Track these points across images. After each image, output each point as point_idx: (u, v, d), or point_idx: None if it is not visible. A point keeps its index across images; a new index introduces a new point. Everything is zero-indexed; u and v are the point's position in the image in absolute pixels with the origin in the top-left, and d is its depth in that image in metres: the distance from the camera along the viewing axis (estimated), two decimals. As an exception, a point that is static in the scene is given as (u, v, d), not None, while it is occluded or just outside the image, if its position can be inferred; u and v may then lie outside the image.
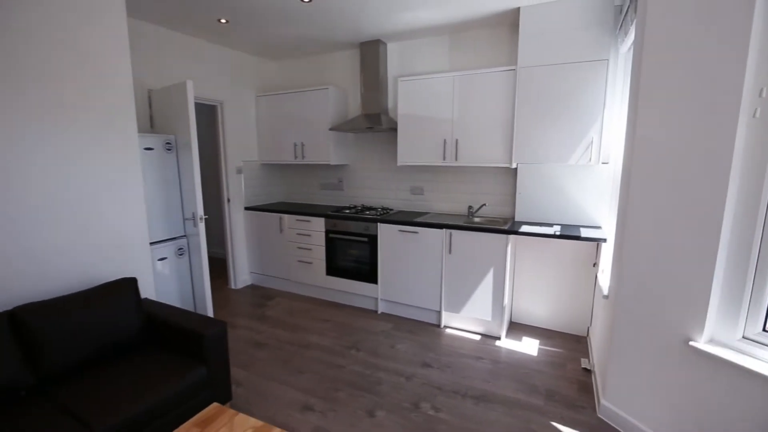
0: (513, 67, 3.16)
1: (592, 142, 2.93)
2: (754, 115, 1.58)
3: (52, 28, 2.09)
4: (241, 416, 1.66)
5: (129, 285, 2.32)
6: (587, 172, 3.18)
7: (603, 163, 3.02)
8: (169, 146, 3.17)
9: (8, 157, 1.96)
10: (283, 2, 2.96)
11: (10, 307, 1.94)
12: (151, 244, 3.01)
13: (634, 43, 2.17)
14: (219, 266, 4.93)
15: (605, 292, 2.47)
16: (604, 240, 2.80)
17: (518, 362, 2.89)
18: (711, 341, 1.79)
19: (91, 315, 2.08)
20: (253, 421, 1.63)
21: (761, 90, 1.55)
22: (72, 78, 2.19)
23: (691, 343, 1.80)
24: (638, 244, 2.01)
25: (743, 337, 1.71)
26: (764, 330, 1.66)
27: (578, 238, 2.85)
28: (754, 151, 1.60)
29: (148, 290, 2.65)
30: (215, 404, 1.73)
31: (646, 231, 1.97)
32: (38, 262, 2.11)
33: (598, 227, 3.16)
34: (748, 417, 1.61)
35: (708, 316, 1.76)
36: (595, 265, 3.17)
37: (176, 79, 3.49)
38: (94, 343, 2.05)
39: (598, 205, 3.18)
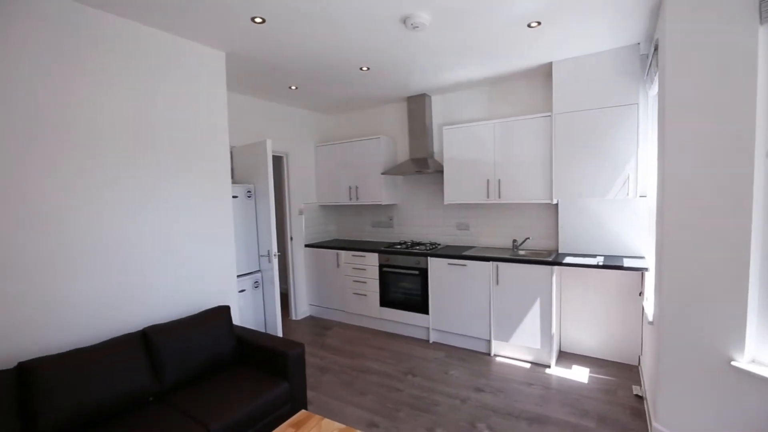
0: (548, 114, 3.50)
1: (628, 177, 3.15)
2: (767, 156, 1.81)
3: (176, 104, 2.71)
4: (327, 420, 1.98)
5: (224, 312, 2.77)
6: (626, 206, 3.37)
7: (641, 196, 3.20)
8: (249, 194, 3.73)
9: (142, 215, 2.52)
10: (345, 71, 3.52)
11: (140, 328, 2.43)
12: (234, 277, 3.50)
13: (658, 92, 2.45)
14: (281, 299, 5.38)
15: (650, 318, 2.61)
16: (646, 269, 2.95)
17: (569, 388, 3.01)
18: (753, 361, 1.91)
19: (198, 336, 2.52)
20: (338, 425, 1.94)
21: (770, 134, 1.79)
22: (190, 143, 2.78)
23: (733, 363, 1.93)
24: (675, 271, 2.20)
25: (783, 356, 1.83)
26: (803, 349, 1.79)
27: (620, 267, 3.02)
28: (772, 185, 1.81)
29: (234, 317, 3.10)
30: (304, 411, 2.07)
31: (681, 259, 2.16)
32: (159, 293, 2.62)
33: (641, 257, 3.30)
34: (795, 433, 1.72)
35: (747, 335, 1.90)
36: (641, 294, 3.28)
37: (252, 137, 4.13)
38: (200, 359, 2.48)
39: (639, 236, 3.34)
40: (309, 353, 3.86)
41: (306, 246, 4.99)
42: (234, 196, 3.56)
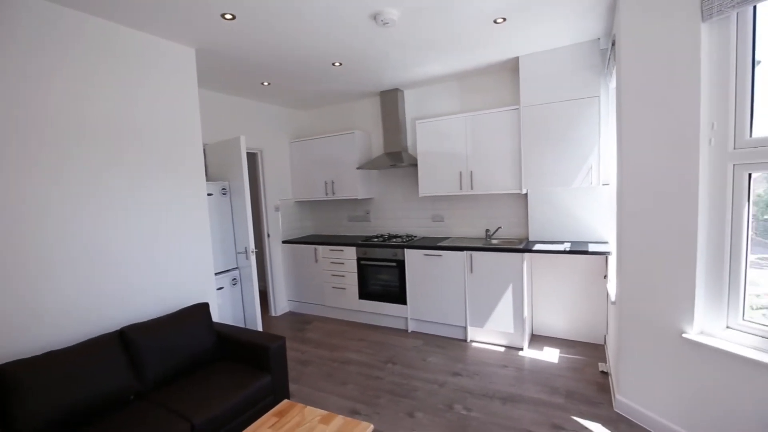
0: (516, 107, 3.63)
1: (591, 167, 3.32)
2: (709, 144, 1.97)
3: (147, 101, 2.67)
4: (309, 408, 2.04)
5: (203, 309, 2.77)
6: (591, 194, 3.55)
7: (604, 184, 3.38)
8: (224, 191, 3.71)
9: (117, 215, 2.49)
10: (317, 67, 3.54)
11: (118, 327, 2.41)
12: (211, 275, 3.49)
13: (616, 85, 2.60)
14: (260, 296, 5.36)
15: (613, 298, 2.78)
16: (609, 253, 3.13)
17: (540, 369, 3.18)
18: (701, 332, 2.09)
19: (177, 333, 2.52)
20: (320, 411, 2.00)
21: (712, 123, 1.95)
22: (164, 141, 2.75)
23: (684, 335, 2.11)
24: (633, 253, 2.36)
25: (727, 326, 2.01)
26: (744, 319, 1.97)
27: (586, 252, 3.20)
28: (715, 172, 1.98)
29: (213, 315, 3.09)
30: (286, 400, 2.12)
31: (638, 241, 2.32)
32: (136, 293, 2.59)
33: (605, 242, 3.49)
34: (738, 395, 1.90)
35: (696, 310, 2.08)
36: (605, 277, 3.48)
37: (225, 134, 4.09)
38: (181, 356, 2.48)
39: (603, 222, 3.53)
40: (290, 348, 3.89)
41: (283, 242, 4.99)
42: (209, 194, 3.53)
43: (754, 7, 1.81)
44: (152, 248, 2.70)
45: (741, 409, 1.89)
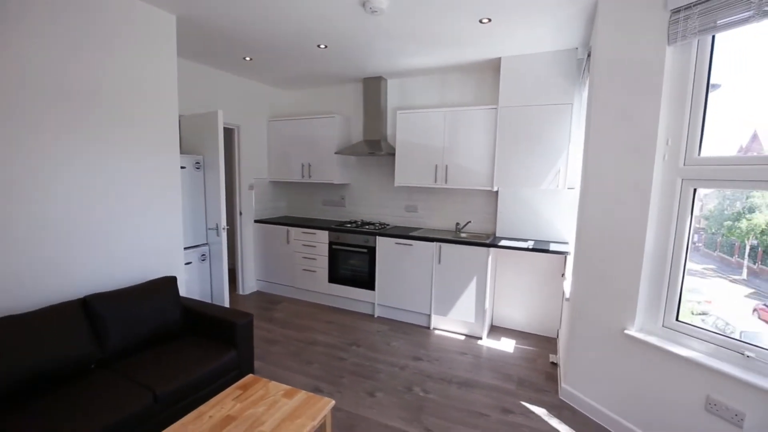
0: (495, 106, 3.74)
1: (559, 170, 3.49)
2: (663, 158, 2.14)
3: (123, 67, 2.59)
4: (274, 383, 2.10)
5: (170, 282, 2.76)
6: (557, 196, 3.74)
7: (569, 188, 3.57)
8: (198, 165, 3.65)
9: (84, 181, 2.43)
10: (302, 46, 3.51)
11: (81, 296, 2.37)
12: (180, 249, 3.46)
13: (587, 94, 2.75)
14: (228, 274, 5.32)
15: (567, 295, 2.98)
16: (568, 253, 3.32)
17: (496, 357, 3.36)
18: (641, 330, 2.29)
19: (143, 305, 2.51)
20: (283, 386, 2.07)
21: (667, 140, 2.12)
22: (137, 109, 2.68)
23: (625, 331, 2.30)
24: (588, 254, 2.54)
25: (663, 325, 2.22)
26: (677, 320, 2.17)
27: (547, 251, 3.38)
28: (665, 185, 2.15)
29: (181, 287, 3.08)
30: (251, 375, 2.18)
31: (593, 244, 2.49)
32: (101, 263, 2.55)
33: (565, 242, 3.70)
34: (668, 386, 2.11)
35: (638, 309, 2.27)
36: (563, 275, 3.69)
37: (201, 106, 4.00)
38: (145, 328, 2.48)
39: (565, 223, 3.73)
40: (257, 326, 3.91)
41: (255, 221, 4.96)
42: (182, 167, 3.47)
43: (713, 36, 1.97)
44: (121, 218, 2.66)
45: (669, 398, 2.11)
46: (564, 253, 3.36)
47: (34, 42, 2.15)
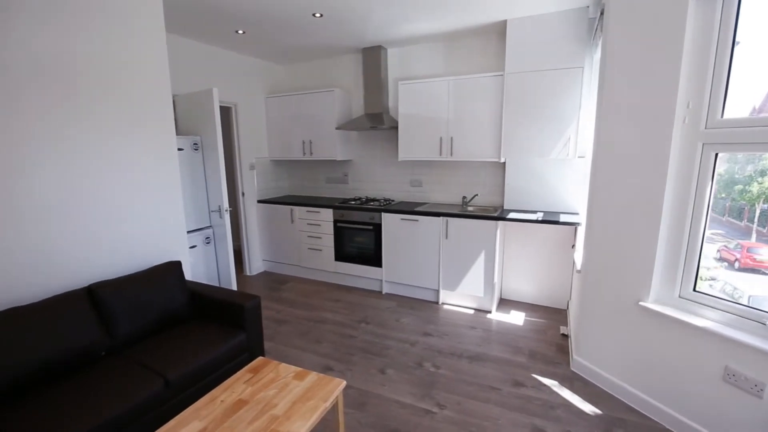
0: (501, 73, 3.57)
1: (569, 139, 3.36)
2: (684, 122, 2.02)
3: (106, 42, 2.47)
4: (284, 365, 2.09)
5: (175, 267, 2.73)
6: (566, 165, 3.62)
7: (579, 157, 3.45)
8: (196, 146, 3.55)
9: (82, 169, 2.35)
10: (297, 16, 3.34)
11: (86, 284, 2.34)
12: (184, 233, 3.42)
13: (600, 56, 2.59)
14: (234, 255, 5.30)
15: (578, 267, 2.92)
16: (579, 224, 3.24)
17: (506, 330, 3.35)
18: (656, 301, 2.24)
19: (149, 290, 2.49)
20: (294, 368, 2.06)
21: (688, 102, 1.99)
22: (129, 89, 2.57)
23: (640, 303, 2.25)
24: (601, 225, 2.46)
25: (679, 296, 2.16)
26: (694, 290, 2.11)
27: (557, 222, 3.30)
28: (685, 151, 2.04)
29: (186, 272, 3.05)
30: (261, 357, 2.16)
31: (607, 214, 2.41)
32: (105, 250, 2.51)
33: (575, 213, 3.61)
34: (686, 358, 2.07)
35: (653, 280, 2.21)
36: (573, 246, 3.63)
37: (196, 84, 3.87)
38: (152, 314, 2.46)
39: (575, 194, 3.63)
40: (265, 306, 3.93)
41: (258, 202, 4.90)
42: (179, 149, 3.38)
43: (742, -14, 1.81)
44: (121, 204, 2.60)
45: (686, 369, 2.08)
46: (575, 224, 3.28)
47: (10, 17, 2.03)
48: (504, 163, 3.88)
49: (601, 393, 2.47)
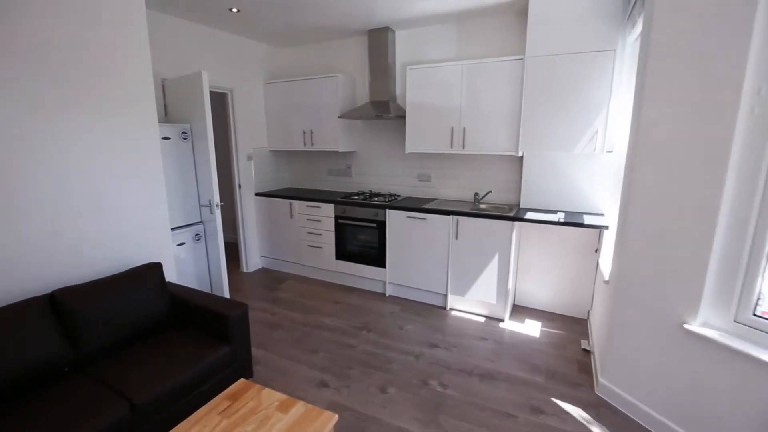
0: (521, 57, 3.21)
1: (597, 131, 3.00)
2: (752, 112, 1.66)
3: (76, 23, 2.16)
4: (267, 390, 1.81)
5: (154, 269, 2.45)
6: (592, 161, 3.26)
7: (607, 151, 3.08)
8: (185, 135, 3.26)
9: (41, 154, 2.06)
10: (295, -8, 3.00)
11: (48, 291, 2.07)
12: (172, 229, 3.14)
13: (642, 35, 2.22)
14: (231, 250, 5.03)
15: (606, 277, 2.59)
16: (606, 227, 2.90)
17: (521, 343, 3.04)
18: (705, 324, 1.91)
19: (122, 297, 2.22)
20: (279, 395, 1.77)
21: (760, 88, 1.63)
22: (103, 71, 2.27)
23: (685, 326, 1.92)
24: (639, 231, 2.12)
25: (735, 320, 1.82)
26: (755, 315, 1.78)
27: (582, 225, 2.96)
28: (752, 146, 1.68)
29: (169, 274, 2.79)
30: (242, 380, 1.88)
31: (647, 218, 2.07)
32: (72, 250, 2.24)
33: (601, 214, 3.26)
34: (738, 395, 1.75)
35: (702, 300, 1.87)
36: (597, 251, 3.29)
37: (188, 68, 3.56)
38: (125, 323, 2.20)
39: (601, 192, 3.27)
40: (260, 308, 3.66)
41: (256, 194, 4.61)
42: (165, 138, 3.09)
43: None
44: (93, 198, 2.32)
45: (736, 407, 1.75)
46: (601, 227, 2.93)
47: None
48: (521, 157, 3.53)
49: (631, 424, 2.16)
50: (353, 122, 4.38)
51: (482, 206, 3.71)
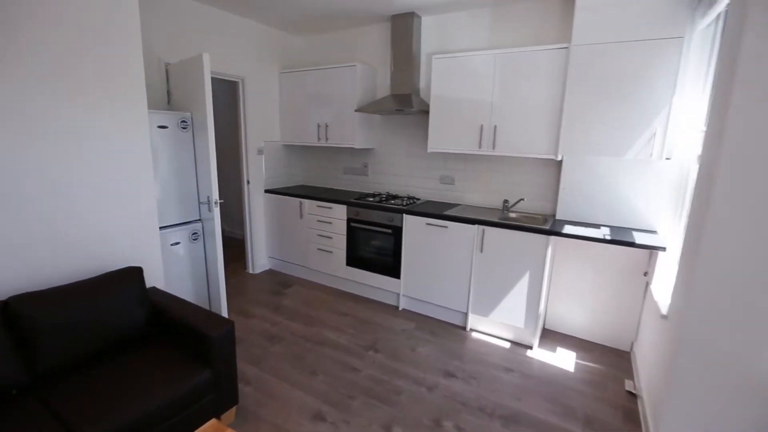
0: (565, 45, 2.77)
1: (655, 134, 2.53)
2: None
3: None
4: (242, 437, 1.47)
5: (134, 274, 2.16)
6: (645, 169, 2.79)
7: (666, 158, 2.61)
8: (184, 125, 2.97)
9: (15, 145, 1.79)
10: (309, -34, 2.66)
11: (4, 297, 1.80)
12: (164, 228, 2.86)
13: (729, 11, 1.77)
14: (238, 247, 4.78)
15: (663, 310, 2.13)
16: (663, 249, 2.43)
17: (552, 378, 2.61)
18: (809, 389, 1.45)
19: (91, 307, 1.93)
20: (255, 446, 1.43)
21: None
22: (75, 52, 1.99)
23: (781, 388, 1.47)
24: (718, 260, 1.66)
25: None
26: None
27: (634, 244, 2.50)
28: None
29: (156, 278, 2.50)
30: (213, 421, 1.54)
31: (731, 245, 1.62)
32: (37, 249, 1.96)
33: (653, 232, 2.79)
34: None
35: (809, 358, 1.42)
36: (645, 274, 2.82)
37: (196, 53, 3.27)
38: (93, 337, 1.90)
39: (654, 206, 2.80)
40: (260, 316, 3.36)
41: (266, 191, 4.32)
42: (162, 126, 2.81)
43: None
44: (67, 193, 2.04)
45: None
46: (656, 248, 2.46)
47: None
48: (560, 161, 3.08)
49: (697, 502, 1.71)
50: (372, 117, 4.02)
51: (512, 215, 3.28)
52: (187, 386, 1.83)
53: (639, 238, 2.60)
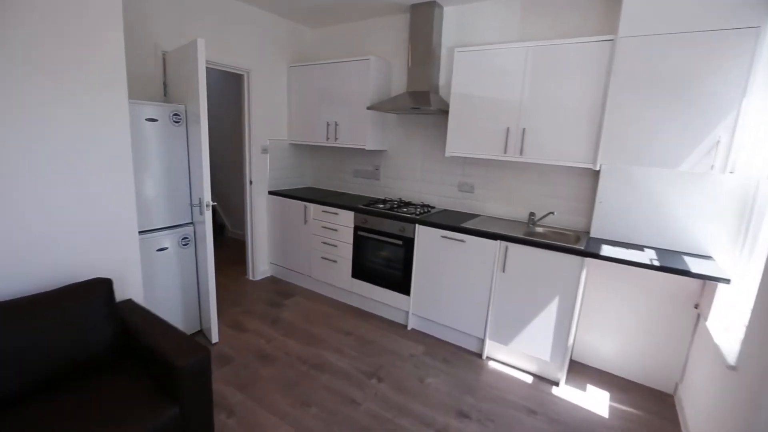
0: (611, 37, 2.39)
1: (718, 142, 2.13)
2: None
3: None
4: None
5: (101, 287, 1.87)
6: (701, 183, 2.39)
7: (729, 172, 2.20)
8: (177, 118, 2.69)
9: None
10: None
11: (-62, 313, 1.53)
12: (150, 231, 2.60)
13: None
14: (239, 249, 4.50)
15: (731, 359, 1.74)
16: (727, 281, 2.02)
17: (583, 425, 2.22)
18: None
19: (46, 325, 1.65)
20: None
21: None
22: (44, 29, 1.72)
23: None
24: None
25: None
26: None
27: (688, 273, 2.10)
28: None
29: (134, 290, 2.22)
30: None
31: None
32: (-13, 255, 1.69)
33: (708, 257, 2.38)
34: None
35: None
36: (696, 306, 2.41)
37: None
38: (45, 362, 1.62)
39: (711, 227, 2.39)
40: (254, 331, 3.06)
41: (269, 193, 4.03)
42: (150, 119, 2.53)
43: None
44: (23, 187, 1.76)
45: None
46: (719, 280, 2.05)
47: None
48: (598, 171, 2.69)
49: None
50: (385, 116, 3.69)
51: (539, 230, 2.91)
52: (147, 427, 1.52)
53: (692, 264, 2.20)
